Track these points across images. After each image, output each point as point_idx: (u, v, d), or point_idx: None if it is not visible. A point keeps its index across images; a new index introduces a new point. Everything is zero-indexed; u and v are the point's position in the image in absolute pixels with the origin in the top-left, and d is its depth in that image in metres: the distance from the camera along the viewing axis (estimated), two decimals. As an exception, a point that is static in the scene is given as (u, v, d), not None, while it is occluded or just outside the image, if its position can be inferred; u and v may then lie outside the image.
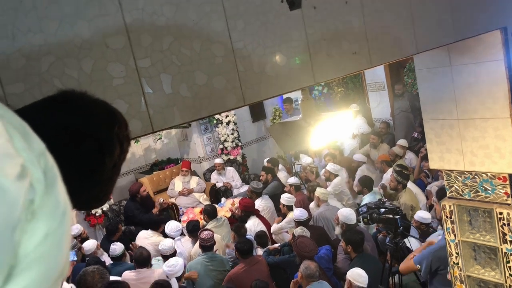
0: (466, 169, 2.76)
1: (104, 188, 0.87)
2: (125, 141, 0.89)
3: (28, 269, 0.42)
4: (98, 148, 0.82)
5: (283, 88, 1.56)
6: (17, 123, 0.48)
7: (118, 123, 0.87)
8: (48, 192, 0.46)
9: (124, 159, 0.89)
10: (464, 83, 2.67)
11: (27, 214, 0.43)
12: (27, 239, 0.43)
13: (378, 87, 8.96)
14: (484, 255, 2.84)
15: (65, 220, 0.47)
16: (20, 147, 0.45)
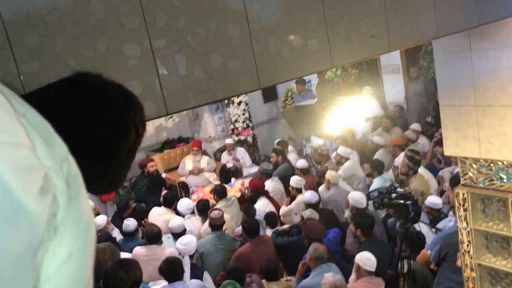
0: (482, 157, 2.72)
1: (119, 173, 0.85)
2: (141, 126, 0.87)
3: None
4: (113, 133, 0.80)
5: (299, 72, 1.53)
6: (38, 124, 0.44)
7: (134, 107, 0.86)
8: (71, 206, 0.42)
9: (139, 143, 0.88)
10: (483, 68, 2.60)
11: (49, 231, 0.39)
12: (49, 260, 0.39)
13: (393, 70, 8.84)
14: (497, 244, 2.81)
15: (89, 237, 0.43)
16: (43, 154, 0.41)
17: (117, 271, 2.54)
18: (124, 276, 2.53)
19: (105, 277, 2.56)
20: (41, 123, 0.45)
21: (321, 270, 4.08)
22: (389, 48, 1.77)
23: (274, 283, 4.54)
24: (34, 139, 0.41)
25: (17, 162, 0.37)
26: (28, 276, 0.37)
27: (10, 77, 0.98)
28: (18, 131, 0.40)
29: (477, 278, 2.90)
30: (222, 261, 4.98)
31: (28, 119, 0.43)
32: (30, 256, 0.37)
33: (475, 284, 2.92)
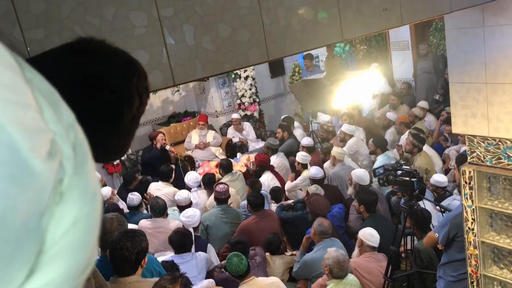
0: (490, 135, 2.69)
1: (122, 141, 0.85)
2: (144, 93, 0.86)
3: (55, 260, 0.38)
4: (117, 99, 0.79)
5: (309, 44, 1.50)
6: (46, 90, 0.43)
7: (138, 74, 0.84)
8: (77, 172, 0.41)
9: (143, 111, 0.87)
10: (496, 45, 2.55)
11: (55, 197, 0.38)
12: (54, 225, 0.38)
13: (402, 46, 8.70)
14: (501, 222, 2.82)
15: (95, 204, 0.42)
16: (50, 119, 0.40)
17: (123, 241, 2.57)
18: (130, 246, 2.56)
19: (111, 247, 2.60)
20: (48, 89, 0.44)
21: (325, 245, 4.13)
22: (401, 21, 1.73)
23: (277, 257, 4.61)
24: (42, 103, 0.40)
25: (25, 123, 0.37)
26: (33, 239, 0.37)
27: (16, 43, 0.97)
28: (26, 92, 0.39)
29: (480, 256, 2.92)
30: (227, 234, 5.04)
31: (36, 84, 0.42)
32: (36, 219, 0.37)
33: (477, 261, 2.94)
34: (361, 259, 4.14)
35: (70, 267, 0.39)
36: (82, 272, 0.41)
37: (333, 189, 5.63)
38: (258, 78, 8.96)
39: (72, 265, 0.39)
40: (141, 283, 2.61)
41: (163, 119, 8.89)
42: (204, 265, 4.15)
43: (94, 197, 0.42)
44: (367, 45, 9.02)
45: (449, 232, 3.25)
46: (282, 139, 7.37)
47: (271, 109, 9.58)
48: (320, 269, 3.96)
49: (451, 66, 2.81)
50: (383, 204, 5.18)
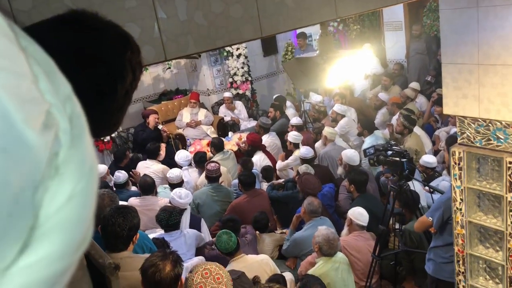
0: (481, 116, 2.71)
1: (115, 116, 0.84)
2: (137, 68, 0.85)
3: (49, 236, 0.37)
4: (110, 74, 0.78)
5: (302, 21, 1.48)
6: (41, 59, 0.41)
7: (131, 48, 0.82)
8: (74, 146, 0.39)
9: (136, 86, 0.86)
10: (489, 26, 2.54)
11: (50, 170, 0.37)
12: (49, 199, 0.37)
13: (395, 27, 8.66)
14: (488, 203, 2.86)
15: (92, 180, 0.40)
16: (45, 89, 0.38)
17: (115, 217, 2.57)
18: (122, 222, 2.57)
19: (103, 223, 2.60)
20: (44, 59, 0.42)
21: (315, 223, 4.17)
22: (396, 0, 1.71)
23: (267, 235, 4.66)
24: (37, 72, 0.39)
25: (19, 92, 0.35)
26: (27, 213, 0.36)
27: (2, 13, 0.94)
28: (20, 61, 0.37)
29: (467, 235, 2.97)
30: (218, 212, 5.07)
31: (31, 53, 0.40)
32: (29, 192, 0.36)
33: (464, 240, 2.99)
34: (350, 238, 4.20)
35: (64, 243, 0.38)
36: (78, 249, 0.40)
37: (324, 169, 5.67)
38: (251, 57, 8.90)
39: (66, 241, 0.38)
40: (132, 258, 2.63)
41: (154, 97, 8.82)
42: (193, 242, 4.18)
43: (90, 172, 0.41)
44: (361, 25, 8.97)
45: (444, 215, 3.28)
46: (274, 118, 7.37)
47: (263, 88, 9.54)
48: (310, 247, 4.01)
49: (444, 47, 2.80)
50: (373, 183, 5.23)
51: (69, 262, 0.39)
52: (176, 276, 2.34)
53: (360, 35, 8.95)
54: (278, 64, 9.67)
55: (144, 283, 2.34)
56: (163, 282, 2.29)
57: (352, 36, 9.00)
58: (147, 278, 2.31)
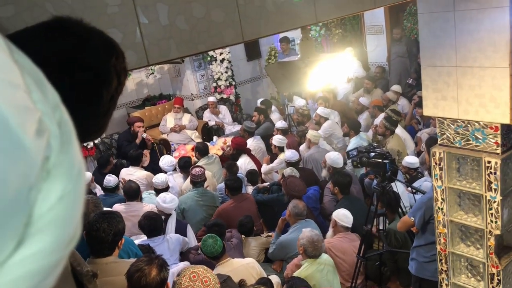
0: (460, 117, 2.77)
1: (101, 121, 0.85)
2: (122, 73, 0.86)
3: (42, 232, 0.40)
4: (95, 79, 0.79)
5: (283, 26, 1.51)
6: (32, 70, 0.44)
7: (116, 53, 0.84)
8: (63, 150, 0.43)
9: (121, 91, 0.87)
10: (465, 29, 2.61)
11: (42, 173, 0.41)
12: (41, 200, 0.40)
13: (377, 30, 8.79)
14: (468, 202, 2.91)
15: (80, 180, 0.44)
16: (37, 99, 0.42)
17: (100, 222, 2.56)
18: (107, 227, 2.56)
19: (88, 228, 2.59)
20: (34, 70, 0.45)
21: (300, 226, 4.20)
22: (374, 4, 1.75)
23: (253, 238, 4.67)
24: (29, 84, 0.42)
25: (15, 101, 0.38)
26: (22, 211, 0.39)
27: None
28: (15, 72, 0.40)
29: (449, 234, 3.02)
30: (204, 217, 5.06)
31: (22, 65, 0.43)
32: (25, 192, 0.39)
33: (446, 239, 3.05)
34: (335, 239, 4.24)
35: (56, 238, 0.41)
36: (68, 244, 0.43)
37: (308, 172, 5.71)
38: (234, 61, 8.92)
39: (58, 237, 0.41)
40: (117, 263, 2.62)
41: (137, 102, 8.78)
42: (176, 247, 4.18)
43: (79, 174, 0.44)
44: (342, 29, 9.07)
45: (425, 215, 3.35)
46: (258, 122, 7.40)
47: (247, 92, 9.57)
48: (295, 250, 4.03)
49: (423, 50, 2.86)
50: (356, 185, 5.28)
51: (61, 256, 0.42)
52: (162, 280, 2.34)
53: (342, 39, 9.05)
54: (262, 69, 9.71)
55: (130, 287, 2.33)
56: (149, 287, 2.29)
57: (334, 40, 9.09)
58: (133, 283, 2.30)
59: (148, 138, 7.01)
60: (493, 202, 2.72)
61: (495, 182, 2.68)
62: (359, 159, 4.09)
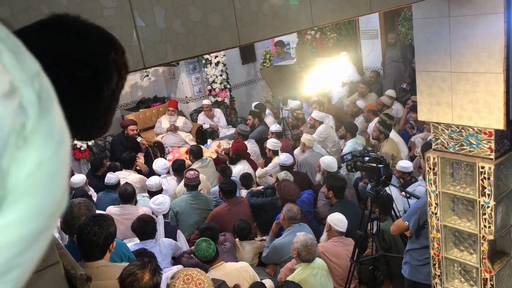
0: (454, 123, 2.78)
1: (103, 117, 0.84)
2: (123, 68, 0.85)
3: (19, 201, 0.38)
4: (95, 75, 0.78)
5: (280, 30, 1.51)
6: (6, 38, 0.43)
7: (115, 48, 0.83)
8: (42, 117, 0.41)
9: (122, 87, 0.86)
10: (460, 35, 2.62)
11: (17, 140, 0.39)
12: (17, 168, 0.38)
13: (372, 35, 8.83)
14: (462, 207, 2.93)
15: (62, 148, 0.42)
16: (9, 63, 0.40)
17: (91, 226, 2.54)
18: (98, 230, 2.53)
19: (78, 231, 2.56)
20: (9, 37, 0.44)
21: (294, 230, 4.19)
22: (370, 9, 1.76)
23: (247, 242, 4.65)
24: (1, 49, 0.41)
25: None
26: None
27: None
28: None
29: (442, 239, 3.03)
30: (197, 221, 5.04)
31: None
32: None
33: (439, 244, 3.06)
34: (329, 244, 4.24)
35: (36, 206, 0.40)
36: (52, 214, 0.42)
37: (302, 176, 5.71)
38: (229, 64, 8.92)
39: (38, 205, 0.40)
40: (109, 267, 2.59)
41: (131, 105, 8.75)
42: (168, 251, 4.16)
43: (60, 141, 0.43)
44: (337, 33, 9.10)
45: (419, 220, 3.36)
46: (253, 125, 7.39)
47: (242, 96, 9.57)
48: (289, 254, 4.02)
49: (418, 55, 2.88)
50: (351, 189, 5.29)
51: (44, 225, 0.40)
52: (155, 285, 2.33)
53: (337, 43, 9.08)
54: (257, 72, 9.72)
55: (123, 292, 2.31)
56: (141, 291, 2.27)
57: (329, 44, 9.12)
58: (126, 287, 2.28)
59: (143, 142, 6.98)
60: (487, 207, 2.73)
61: (488, 188, 2.69)
62: (354, 163, 4.10)
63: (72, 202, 3.04)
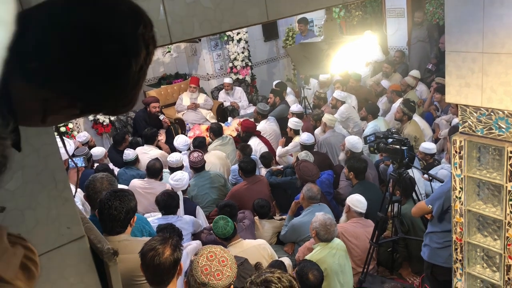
0: (483, 106, 2.69)
1: (130, 92, 0.82)
2: (151, 43, 0.83)
3: None
4: (123, 50, 0.76)
5: (309, 6, 1.46)
6: None
7: (143, 22, 0.80)
8: None
9: (150, 61, 0.84)
10: (495, 14, 2.51)
11: None
12: None
13: (398, 14, 8.59)
14: (488, 192, 2.86)
15: None
16: None
17: (112, 200, 2.56)
18: (119, 205, 2.56)
19: (99, 206, 2.59)
20: None
21: (313, 210, 4.19)
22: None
23: (267, 221, 4.67)
24: None
25: None
26: None
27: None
28: None
29: (465, 224, 2.98)
30: (214, 199, 5.07)
31: None
32: None
33: (462, 229, 3.01)
34: (348, 224, 4.22)
35: None
36: None
37: (323, 156, 5.67)
38: (251, 41, 8.83)
39: None
40: (130, 241, 2.63)
41: (153, 81, 8.78)
42: (190, 228, 4.20)
43: None
44: (363, 11, 8.89)
45: (444, 204, 3.32)
46: (274, 104, 7.34)
47: (263, 74, 9.49)
48: (307, 233, 4.03)
49: (448, 34, 2.77)
50: (372, 170, 5.24)
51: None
52: (175, 260, 2.35)
53: (362, 21, 8.87)
54: (279, 50, 9.60)
55: (143, 266, 2.34)
56: (162, 266, 2.30)
57: (354, 22, 8.92)
58: (146, 262, 2.31)
59: (165, 120, 7.02)
60: (514, 193, 2.66)
61: (517, 173, 2.62)
62: (376, 144, 4.04)
63: (94, 176, 3.08)
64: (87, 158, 5.10)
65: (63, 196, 1.22)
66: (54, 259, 1.21)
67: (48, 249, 1.20)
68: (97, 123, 7.41)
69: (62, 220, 1.23)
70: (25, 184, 1.16)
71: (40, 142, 1.17)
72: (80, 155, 5.01)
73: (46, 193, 1.19)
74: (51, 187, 1.20)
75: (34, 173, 1.17)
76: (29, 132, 1.15)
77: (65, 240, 1.23)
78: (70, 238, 1.24)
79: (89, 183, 3.05)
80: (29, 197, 1.17)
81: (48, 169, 1.19)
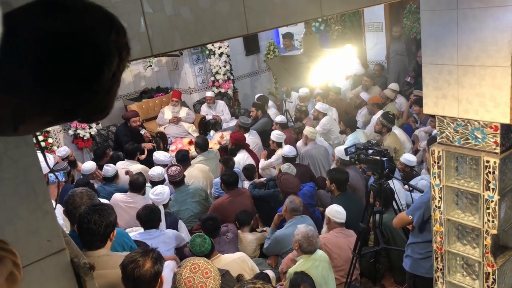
0: (460, 116, 2.76)
1: (104, 99, 0.81)
2: (124, 49, 0.82)
3: None
4: (95, 57, 0.76)
5: (288, 19, 1.49)
6: None
7: (116, 28, 0.79)
8: None
9: (123, 69, 0.83)
10: (468, 28, 2.60)
11: None
12: None
13: (376, 28, 8.77)
14: (466, 201, 2.92)
15: None
16: None
17: (91, 214, 2.53)
18: (98, 219, 2.53)
19: (79, 220, 2.55)
20: None
21: (295, 222, 4.19)
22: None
23: (250, 233, 4.66)
24: None
25: None
26: None
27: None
28: None
29: (445, 232, 3.03)
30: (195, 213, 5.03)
31: None
32: None
33: (442, 238, 3.05)
34: (330, 235, 4.24)
35: None
36: None
37: (304, 168, 5.70)
38: (233, 56, 8.88)
39: None
40: (110, 256, 2.59)
41: (135, 95, 8.74)
42: (172, 242, 4.15)
43: None
44: (342, 25, 9.04)
45: (424, 214, 3.36)
46: (256, 117, 7.38)
47: (246, 87, 9.54)
48: (290, 245, 4.03)
49: (425, 47, 2.85)
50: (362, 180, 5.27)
51: None
52: (156, 273, 2.32)
53: (342, 35, 9.02)
54: (260, 63, 9.68)
55: (124, 279, 2.31)
56: (142, 279, 2.27)
57: (333, 36, 9.07)
58: (127, 274, 2.28)
59: (147, 135, 6.97)
60: (491, 201, 2.72)
61: (493, 182, 2.68)
62: (357, 156, 4.09)
63: (74, 191, 3.04)
64: (67, 172, 5.03)
65: (43, 208, 1.21)
66: (34, 273, 1.20)
67: (28, 262, 1.19)
68: (77, 138, 7.32)
69: (43, 233, 1.21)
70: (4, 197, 1.15)
71: (19, 154, 1.16)
72: (59, 169, 4.94)
73: (25, 206, 1.18)
74: (31, 199, 1.19)
75: (12, 185, 1.16)
76: (9, 144, 1.14)
77: (45, 253, 1.21)
78: (50, 251, 1.22)
79: (68, 197, 3.01)
80: (8, 210, 1.16)
81: (28, 181, 1.18)
